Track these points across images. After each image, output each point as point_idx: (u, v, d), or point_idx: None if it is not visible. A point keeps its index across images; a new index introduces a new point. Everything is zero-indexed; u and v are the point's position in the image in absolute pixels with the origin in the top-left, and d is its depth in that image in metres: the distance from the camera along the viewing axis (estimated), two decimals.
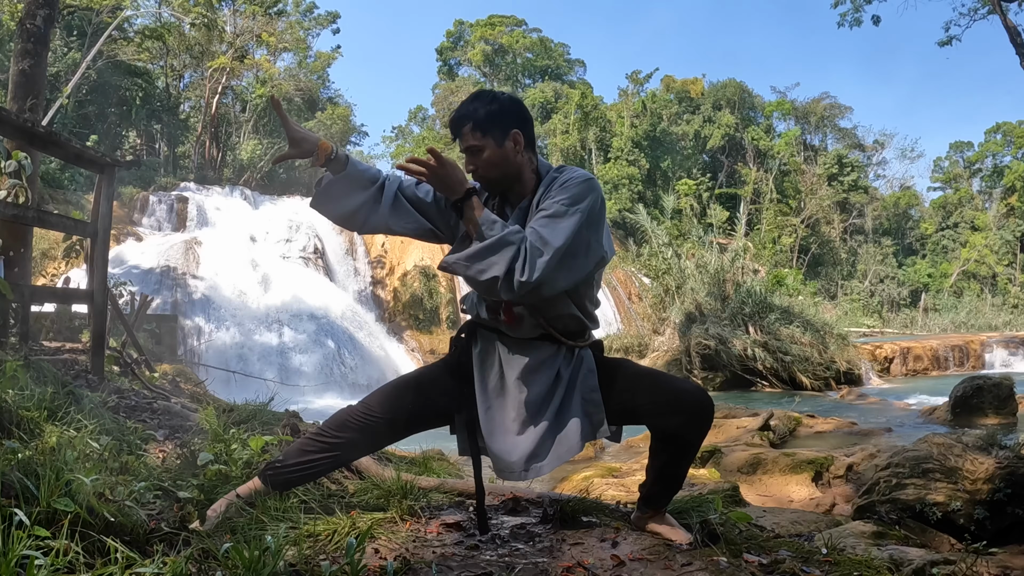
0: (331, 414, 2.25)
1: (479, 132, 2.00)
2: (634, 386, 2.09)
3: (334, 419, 2.16)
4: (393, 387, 2.19)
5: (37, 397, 2.91)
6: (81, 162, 5.02)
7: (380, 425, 2.11)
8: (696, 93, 46.26)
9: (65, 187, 22.75)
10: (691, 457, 2.15)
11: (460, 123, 2.03)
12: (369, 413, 2.12)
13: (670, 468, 2.15)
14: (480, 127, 2.00)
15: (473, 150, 2.02)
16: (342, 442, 2.12)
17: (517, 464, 2.03)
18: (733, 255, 18.51)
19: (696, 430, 2.07)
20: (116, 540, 1.67)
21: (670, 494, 2.22)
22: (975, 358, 19.16)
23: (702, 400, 2.04)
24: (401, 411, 2.12)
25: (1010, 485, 3.75)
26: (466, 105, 2.03)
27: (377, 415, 2.11)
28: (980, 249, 42.36)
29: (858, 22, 18.82)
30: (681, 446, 2.10)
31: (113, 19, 22.58)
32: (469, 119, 2.01)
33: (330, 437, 2.13)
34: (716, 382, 15.87)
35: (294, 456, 2.17)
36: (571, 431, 2.05)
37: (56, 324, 9.00)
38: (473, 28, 47.48)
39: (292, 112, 36.29)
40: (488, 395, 2.08)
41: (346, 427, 2.12)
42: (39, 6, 7.46)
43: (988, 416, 8.58)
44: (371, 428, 2.11)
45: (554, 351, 2.09)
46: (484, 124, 2.00)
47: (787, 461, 5.58)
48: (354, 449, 2.19)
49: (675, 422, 2.03)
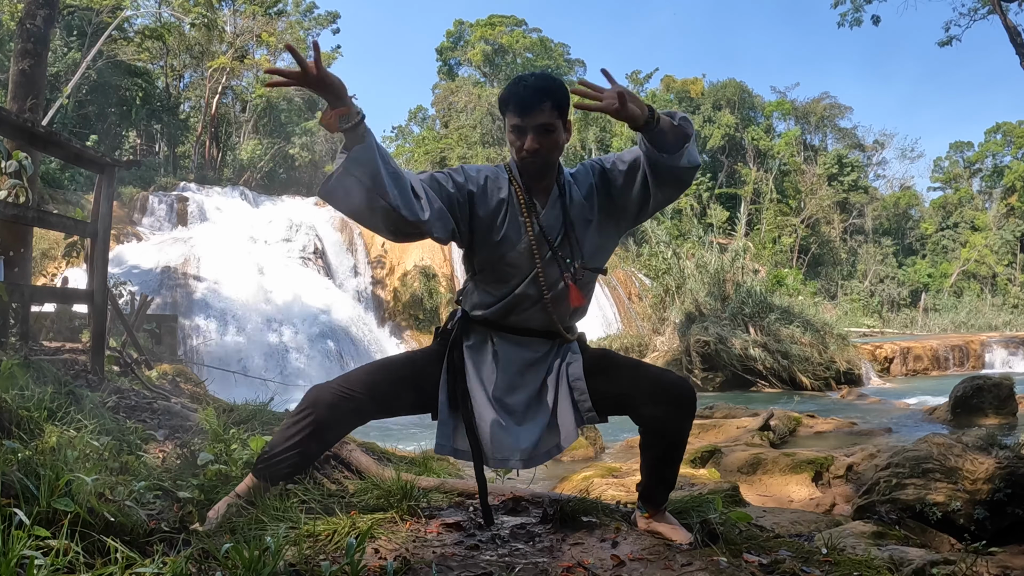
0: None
1: (556, 112, 1.94)
2: (617, 375, 2.10)
3: (308, 397, 2.07)
4: (377, 367, 2.16)
5: (37, 397, 2.91)
6: (81, 162, 5.02)
7: (361, 403, 2.03)
8: (696, 93, 46.27)
9: (65, 187, 22.75)
10: (680, 450, 2.14)
11: (541, 98, 1.92)
12: (351, 390, 2.04)
13: (662, 463, 2.15)
14: (559, 108, 1.94)
15: (547, 129, 1.94)
16: (322, 419, 2.03)
17: (516, 457, 2.03)
18: (733, 255, 18.50)
19: (678, 420, 2.07)
20: (116, 540, 1.67)
21: (666, 490, 2.21)
22: (975, 358, 19.16)
23: (683, 390, 2.04)
24: (380, 392, 2.06)
25: (1010, 485, 3.75)
26: (543, 81, 1.95)
27: (358, 393, 2.03)
28: (980, 249, 42.36)
29: (858, 22, 18.82)
30: (668, 439, 2.10)
31: (113, 19, 22.58)
32: (551, 96, 1.92)
33: (309, 415, 2.05)
34: (716, 382, 15.86)
35: (280, 443, 2.11)
36: (566, 421, 2.06)
37: (56, 324, 8.99)
38: (473, 28, 47.50)
39: (292, 112, 36.34)
40: (484, 389, 2.07)
41: (321, 403, 2.03)
42: (39, 6, 7.46)
43: (988, 416, 8.57)
44: (350, 406, 2.03)
45: (549, 346, 2.10)
46: (563, 106, 1.94)
47: (787, 461, 5.58)
48: (336, 426, 2.08)
49: (657, 412, 2.03)
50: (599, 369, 2.11)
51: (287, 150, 34.76)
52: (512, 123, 1.96)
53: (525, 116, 1.93)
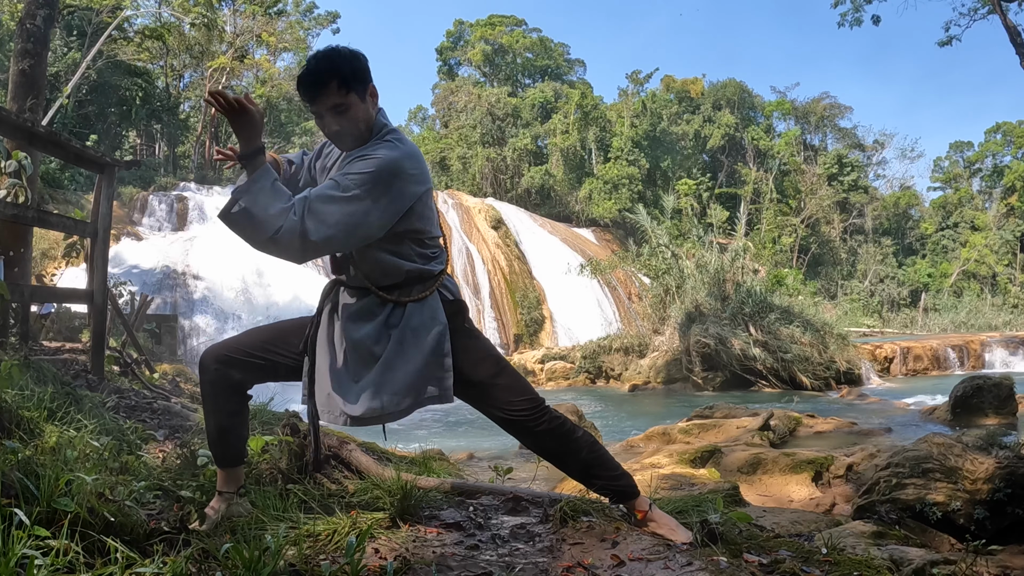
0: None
1: (345, 89, 1.92)
2: (479, 364, 2.12)
3: (200, 364, 2.13)
4: (259, 329, 2.22)
5: (37, 397, 2.91)
6: (81, 162, 5.02)
7: (246, 363, 2.08)
8: (696, 93, 46.27)
9: (65, 187, 22.76)
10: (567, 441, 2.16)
11: (324, 80, 1.91)
12: (239, 349, 2.10)
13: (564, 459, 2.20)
14: (346, 84, 1.93)
15: (338, 109, 1.94)
16: (218, 376, 2.08)
17: (331, 409, 2.02)
18: (733, 255, 18.51)
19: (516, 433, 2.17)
20: (116, 540, 1.67)
21: (608, 480, 2.21)
22: (975, 358, 19.16)
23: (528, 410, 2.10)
24: (260, 351, 2.11)
25: (1010, 485, 3.75)
26: (323, 63, 1.93)
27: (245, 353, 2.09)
28: (980, 249, 42.35)
29: (858, 22, 18.83)
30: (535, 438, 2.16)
31: (113, 19, 22.58)
32: (335, 75, 1.91)
33: (205, 376, 2.10)
34: (716, 382, 15.86)
35: (208, 423, 2.17)
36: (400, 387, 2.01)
37: (56, 324, 9.00)
38: (473, 28, 47.50)
39: (292, 112, 36.37)
40: (318, 343, 2.09)
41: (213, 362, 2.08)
42: (39, 6, 7.47)
43: (988, 416, 8.57)
44: (236, 364, 2.08)
45: (378, 302, 2.06)
46: (350, 80, 1.93)
47: (787, 461, 5.58)
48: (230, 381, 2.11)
49: (495, 416, 2.12)
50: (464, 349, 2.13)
51: (287, 150, 34.77)
52: (310, 110, 1.99)
53: (314, 103, 1.95)
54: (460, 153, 40.58)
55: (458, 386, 2.08)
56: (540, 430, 2.13)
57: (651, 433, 7.68)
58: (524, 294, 27.67)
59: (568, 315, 26.72)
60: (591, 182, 38.79)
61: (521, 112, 41.74)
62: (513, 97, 43.12)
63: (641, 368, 17.55)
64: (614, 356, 18.44)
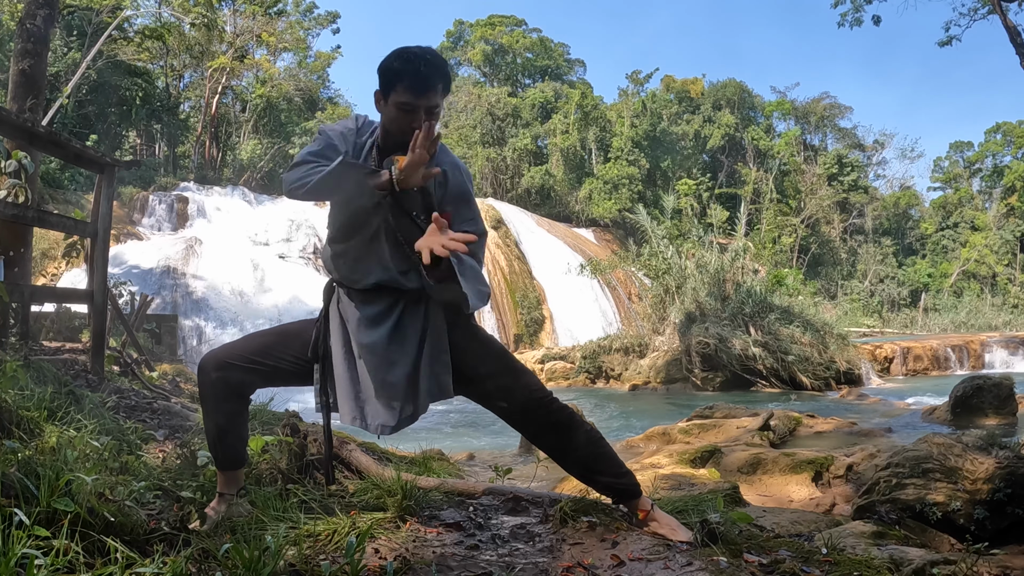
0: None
1: (444, 94, 1.93)
2: (482, 358, 2.11)
3: (199, 368, 2.12)
4: (260, 334, 2.21)
5: (37, 397, 2.91)
6: (81, 162, 5.02)
7: (248, 369, 2.07)
8: (696, 93, 46.27)
9: (65, 187, 22.77)
10: (572, 435, 2.15)
11: (437, 80, 1.88)
12: (239, 355, 2.08)
13: (566, 454, 2.19)
14: (447, 90, 1.92)
15: (436, 112, 1.92)
16: (219, 381, 2.06)
17: (364, 417, 2.03)
18: (733, 255, 18.51)
19: (519, 425, 2.17)
20: (116, 540, 1.67)
21: (612, 478, 2.20)
22: (975, 358, 19.16)
23: (534, 401, 2.09)
24: (261, 356, 2.10)
25: (1010, 485, 3.74)
26: (440, 61, 1.91)
27: (246, 359, 2.08)
28: (980, 249, 42.36)
29: (858, 22, 18.82)
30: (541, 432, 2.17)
31: (113, 19, 22.59)
32: (444, 79, 1.90)
33: (205, 381, 2.08)
34: (716, 382, 15.86)
35: (207, 426, 2.17)
36: (424, 388, 2.02)
37: (56, 324, 9.00)
38: (473, 28, 47.51)
39: (292, 112, 36.36)
40: (332, 350, 2.09)
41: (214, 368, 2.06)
42: (39, 6, 7.47)
43: (988, 416, 8.57)
44: (237, 370, 2.06)
45: (391, 302, 2.05)
46: (448, 88, 1.93)
47: (787, 461, 5.58)
48: (231, 386, 2.10)
49: (503, 410, 2.11)
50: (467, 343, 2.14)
51: (287, 150, 34.74)
52: (400, 100, 1.89)
53: (420, 96, 1.87)
54: (460, 153, 40.53)
55: (461, 381, 2.08)
56: (546, 422, 2.12)
57: (651, 433, 7.68)
58: (524, 294, 27.68)
59: (568, 315, 26.73)
60: (591, 182, 38.78)
61: (521, 112, 41.74)
62: (513, 97, 43.12)
63: (641, 368, 17.55)
64: (614, 356, 18.43)
